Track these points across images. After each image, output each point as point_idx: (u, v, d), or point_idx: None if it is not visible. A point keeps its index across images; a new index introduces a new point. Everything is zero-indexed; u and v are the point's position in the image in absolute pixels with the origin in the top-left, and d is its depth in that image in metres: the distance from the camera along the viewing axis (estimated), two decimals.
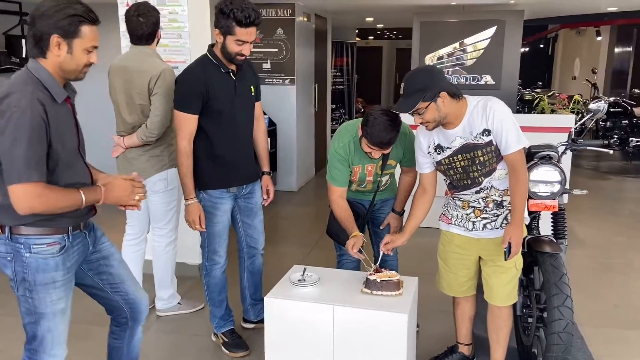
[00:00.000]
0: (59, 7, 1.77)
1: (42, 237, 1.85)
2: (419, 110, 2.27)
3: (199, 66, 2.69)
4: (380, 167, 2.78)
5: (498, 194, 2.41)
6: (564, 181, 2.70)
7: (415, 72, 2.35)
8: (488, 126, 2.27)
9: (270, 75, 6.67)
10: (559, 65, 13.15)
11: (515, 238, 2.30)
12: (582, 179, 7.16)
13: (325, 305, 2.33)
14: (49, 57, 1.80)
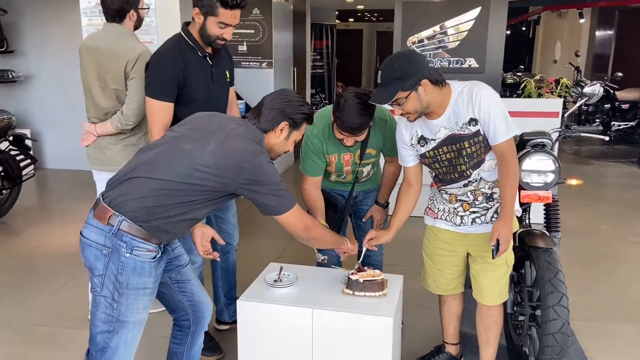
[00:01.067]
0: None
1: (146, 243, 1.82)
2: (399, 101, 2.05)
3: (174, 48, 2.41)
4: (358, 156, 2.59)
5: (488, 186, 2.23)
6: (558, 171, 2.53)
7: (393, 58, 2.08)
8: (475, 115, 2.07)
9: (246, 58, 6.39)
10: (539, 49, 13.07)
11: (504, 234, 2.10)
12: (564, 164, 7.04)
13: (304, 309, 2.13)
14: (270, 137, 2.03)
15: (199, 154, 1.81)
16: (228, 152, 1.82)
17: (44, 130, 6.86)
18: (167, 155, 1.85)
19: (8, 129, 4.65)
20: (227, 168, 1.81)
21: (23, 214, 5.11)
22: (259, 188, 1.86)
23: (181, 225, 1.89)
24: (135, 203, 1.79)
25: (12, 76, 6.42)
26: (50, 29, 6.39)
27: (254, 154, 1.84)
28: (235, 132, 1.89)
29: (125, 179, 1.85)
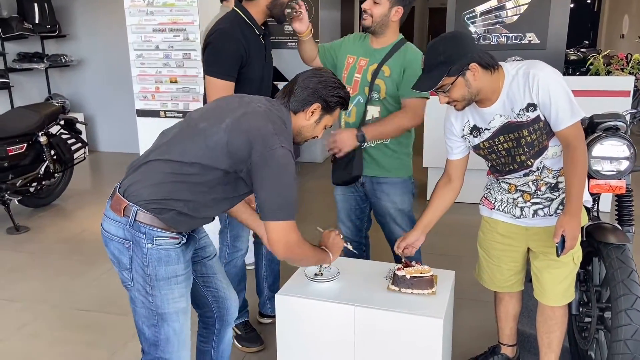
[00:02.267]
0: None
1: (165, 232, 1.71)
2: (444, 88, 1.86)
3: (235, 26, 2.32)
4: (373, 71, 2.38)
5: (552, 175, 2.00)
6: (634, 157, 2.25)
7: (437, 40, 1.87)
8: (533, 99, 1.85)
9: (292, 38, 6.23)
10: (605, 23, 12.23)
11: (570, 230, 1.86)
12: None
13: (346, 306, 1.98)
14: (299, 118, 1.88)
15: (213, 131, 1.69)
16: (242, 129, 1.67)
17: (97, 114, 6.98)
18: (182, 136, 1.74)
19: (59, 113, 4.70)
20: (238, 146, 1.66)
21: (74, 197, 5.21)
22: (263, 174, 1.65)
23: (196, 217, 1.76)
24: (148, 190, 1.69)
25: (65, 60, 6.53)
26: (100, 13, 6.45)
27: (269, 133, 1.67)
28: (255, 109, 1.74)
29: (141, 164, 1.75)
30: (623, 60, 4.27)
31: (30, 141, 4.48)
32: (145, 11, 3.52)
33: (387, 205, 2.55)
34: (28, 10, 6.08)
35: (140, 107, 3.73)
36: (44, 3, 6.22)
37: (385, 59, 2.39)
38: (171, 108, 3.67)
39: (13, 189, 4.37)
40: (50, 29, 6.33)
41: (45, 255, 3.95)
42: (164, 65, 3.60)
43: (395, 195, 2.54)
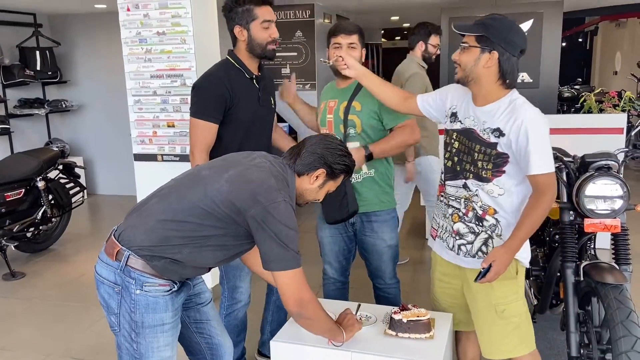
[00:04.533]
0: None
1: (156, 278, 1.71)
2: (464, 43, 1.90)
3: (221, 70, 2.41)
4: (344, 108, 2.45)
5: (480, 205, 1.99)
6: (628, 195, 2.26)
7: (503, 16, 1.90)
8: (504, 129, 1.87)
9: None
10: (598, 60, 12.45)
11: (499, 263, 1.89)
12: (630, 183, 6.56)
13: (342, 352, 1.95)
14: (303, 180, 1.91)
15: (215, 179, 1.71)
16: (245, 180, 1.70)
17: (96, 157, 7.02)
18: (184, 182, 1.77)
19: (57, 158, 4.74)
20: (239, 197, 1.67)
21: (72, 241, 5.19)
22: (266, 228, 1.66)
23: (188, 267, 1.76)
24: (141, 236, 1.70)
25: (65, 105, 6.62)
26: (101, 59, 6.57)
27: (272, 188, 1.69)
28: (259, 164, 1.77)
29: (139, 208, 1.77)
30: (615, 98, 4.33)
31: (29, 186, 4.50)
32: (144, 58, 3.59)
33: (377, 243, 2.57)
34: (30, 58, 6.21)
35: (137, 151, 3.76)
36: (45, 51, 6.35)
37: (353, 95, 2.47)
38: (168, 152, 3.70)
39: (10, 235, 4.36)
40: (52, 75, 6.44)
41: (41, 301, 3.90)
42: (162, 110, 3.65)
43: (385, 233, 2.57)
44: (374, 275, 2.68)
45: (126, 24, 3.57)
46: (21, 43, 6.13)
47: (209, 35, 3.70)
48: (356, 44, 2.48)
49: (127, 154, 3.74)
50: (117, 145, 6.54)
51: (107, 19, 5.99)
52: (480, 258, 2.02)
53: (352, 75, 2.35)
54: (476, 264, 2.01)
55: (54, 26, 6.69)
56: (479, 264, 1.97)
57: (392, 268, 2.66)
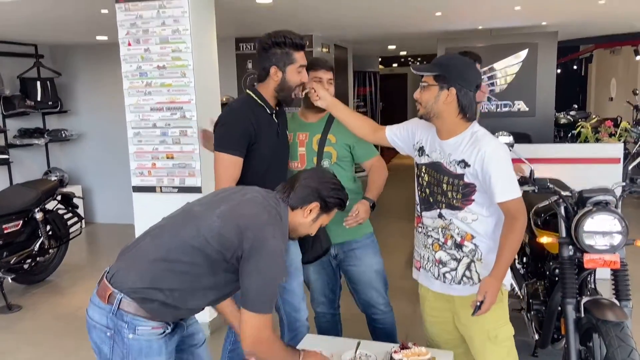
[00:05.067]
0: None
1: (149, 320, 1.69)
2: (424, 82, 2.03)
3: (245, 105, 2.42)
4: (318, 141, 2.52)
5: (457, 232, 2.07)
6: (626, 231, 2.26)
7: (456, 55, 2.10)
8: (469, 160, 1.99)
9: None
10: (593, 87, 12.57)
11: (491, 294, 1.95)
12: (627, 212, 6.57)
13: None
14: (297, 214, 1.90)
15: (207, 215, 1.71)
16: (236, 215, 1.70)
17: (95, 186, 7.03)
18: (176, 220, 1.77)
19: (56, 188, 4.74)
20: (230, 232, 1.67)
21: (69, 272, 5.15)
22: (252, 263, 1.65)
23: (182, 308, 1.73)
24: (133, 278, 1.68)
25: (65, 135, 6.65)
26: (101, 89, 6.63)
27: (263, 223, 1.69)
28: (252, 199, 1.77)
29: (132, 248, 1.76)
30: (611, 127, 4.36)
31: (27, 218, 4.49)
32: (144, 92, 3.62)
33: (364, 271, 2.59)
34: (31, 89, 6.26)
35: (136, 183, 3.76)
36: (46, 81, 6.41)
37: (326, 128, 2.54)
38: (167, 184, 3.71)
39: (7, 267, 4.33)
40: (52, 105, 6.49)
41: (37, 334, 3.86)
42: (161, 142, 3.66)
43: (369, 257, 2.61)
44: (366, 306, 2.68)
45: (127, 59, 3.62)
46: (22, 74, 6.19)
47: (209, 69, 3.74)
48: (332, 80, 2.59)
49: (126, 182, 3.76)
50: (116, 174, 6.54)
51: (109, 50, 6.06)
52: (466, 283, 2.09)
53: (323, 106, 2.43)
54: (463, 290, 2.10)
55: (56, 56, 6.77)
56: (467, 291, 2.08)
57: (385, 295, 2.67)
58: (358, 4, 4.51)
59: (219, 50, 3.98)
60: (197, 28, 3.54)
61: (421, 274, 2.25)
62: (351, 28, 6.27)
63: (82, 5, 3.97)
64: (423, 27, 6.29)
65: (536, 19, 5.93)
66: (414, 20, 5.69)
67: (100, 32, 5.56)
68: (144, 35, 3.55)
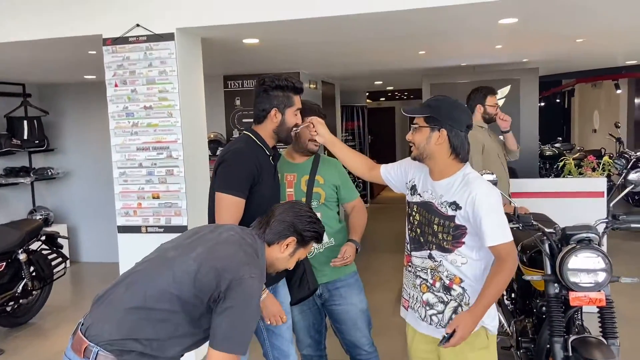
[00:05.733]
0: None
1: None
2: (415, 124, 2.08)
3: (249, 146, 2.42)
4: (307, 181, 2.56)
5: (447, 275, 2.05)
6: (610, 268, 2.27)
7: (446, 97, 2.12)
8: (460, 202, 1.99)
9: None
10: (577, 119, 12.81)
11: (462, 328, 1.91)
12: (614, 241, 6.60)
13: None
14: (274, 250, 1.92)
15: (182, 260, 1.69)
16: (212, 257, 1.68)
17: (81, 225, 6.95)
18: (151, 266, 1.74)
19: (40, 229, 4.69)
20: (207, 275, 1.64)
21: (53, 314, 5.04)
22: (226, 301, 1.63)
23: (160, 357, 1.69)
24: (109, 330, 1.64)
25: (51, 173, 6.62)
26: (89, 127, 6.63)
27: (239, 263, 1.68)
28: (228, 239, 1.76)
29: (106, 297, 1.72)
30: (593, 162, 4.43)
31: (10, 259, 4.41)
32: (130, 132, 3.64)
33: (348, 309, 2.59)
34: (17, 127, 6.25)
35: (121, 223, 3.73)
36: (33, 120, 6.40)
37: (313, 169, 2.59)
38: (153, 223, 3.68)
39: None
40: (39, 144, 6.47)
41: None
42: (147, 182, 3.65)
43: (353, 296, 2.62)
44: (351, 346, 2.67)
45: (113, 99, 3.64)
46: (9, 113, 6.19)
47: (195, 108, 3.78)
48: None
49: (111, 221, 3.74)
50: (101, 212, 6.49)
51: (96, 89, 6.09)
52: None
53: (321, 142, 2.46)
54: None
55: (43, 95, 6.79)
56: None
57: (369, 335, 2.66)
58: (343, 44, 4.60)
59: (207, 88, 4.02)
60: (184, 69, 3.58)
61: (409, 314, 2.23)
62: (337, 65, 6.37)
63: (71, 47, 4.01)
64: (408, 64, 6.41)
65: (517, 56, 6.08)
66: (399, 58, 5.80)
67: (88, 72, 5.60)
68: (131, 76, 3.58)
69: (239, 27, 3.52)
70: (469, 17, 3.68)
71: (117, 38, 3.54)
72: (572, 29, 4.42)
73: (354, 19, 3.39)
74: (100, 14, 3.56)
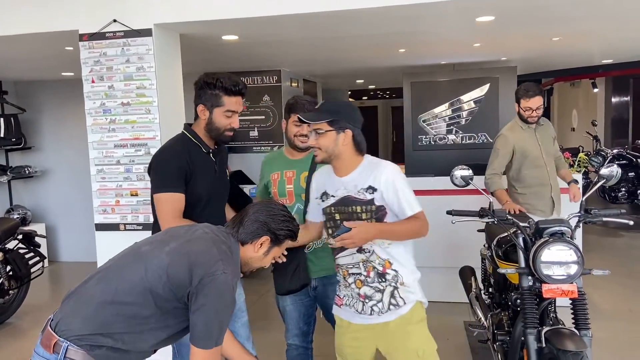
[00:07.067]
0: None
1: None
2: (319, 129, 2.14)
3: (178, 143, 2.42)
4: (305, 178, 2.57)
5: (379, 262, 2.15)
6: (582, 261, 2.31)
7: (338, 100, 2.27)
8: (375, 184, 2.13)
9: (257, 143, 6.42)
10: (556, 118, 12.98)
11: (359, 232, 2.05)
12: (592, 237, 6.73)
13: None
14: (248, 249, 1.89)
15: (155, 255, 1.69)
16: (185, 252, 1.68)
17: (59, 224, 6.87)
18: (123, 261, 1.73)
19: (17, 227, 4.62)
20: (179, 269, 1.65)
21: (30, 314, 4.98)
22: (200, 298, 1.63)
23: (132, 352, 1.69)
24: (79, 324, 1.63)
25: (28, 172, 6.52)
26: (66, 125, 6.56)
27: (212, 258, 1.67)
28: (201, 236, 1.76)
29: (76, 292, 1.71)
30: (569, 159, 4.50)
31: None
32: (107, 128, 3.60)
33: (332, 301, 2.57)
34: None
35: (99, 220, 3.70)
36: (10, 118, 6.31)
37: (312, 166, 2.58)
38: (131, 221, 3.65)
39: None
40: (16, 142, 6.38)
41: None
42: (125, 179, 3.63)
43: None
44: None
45: (90, 96, 3.60)
46: None
47: (174, 105, 3.75)
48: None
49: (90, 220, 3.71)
50: (80, 211, 6.42)
51: (74, 86, 5.99)
52: (391, 310, 2.16)
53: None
54: (390, 315, 2.17)
55: (20, 92, 6.69)
56: (393, 315, 2.15)
57: None
58: (323, 41, 4.61)
59: (186, 86, 3.99)
60: (162, 65, 3.56)
61: (342, 310, 2.30)
62: (318, 63, 6.38)
63: (47, 42, 3.96)
64: (389, 62, 6.45)
65: (496, 54, 6.15)
66: (379, 56, 5.83)
67: (65, 69, 5.54)
68: (108, 72, 3.55)
69: (218, 23, 3.51)
70: (447, 14, 3.72)
71: (93, 34, 3.51)
72: (548, 27, 4.49)
73: (333, 15, 3.40)
74: (77, 9, 3.52)
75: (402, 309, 2.16)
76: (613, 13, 4.01)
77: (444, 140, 6.21)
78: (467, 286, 3.57)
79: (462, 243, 4.18)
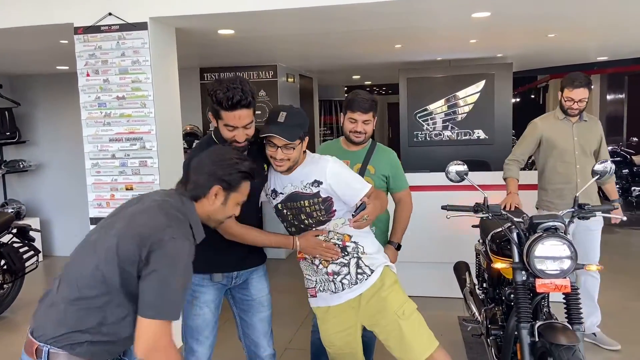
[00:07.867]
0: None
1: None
2: (294, 145, 2.18)
3: (205, 141, 2.41)
4: (358, 170, 2.68)
5: (338, 237, 2.31)
6: (575, 255, 2.33)
7: (296, 108, 2.31)
8: (320, 177, 2.25)
9: None
10: None
11: (372, 209, 2.23)
12: None
13: None
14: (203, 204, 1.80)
15: (103, 240, 1.64)
16: (131, 228, 1.62)
17: (54, 218, 6.85)
18: (78, 255, 1.70)
19: (11, 221, 4.61)
20: (128, 247, 1.59)
21: (25, 308, 4.96)
22: (150, 265, 1.56)
23: (116, 341, 1.67)
24: (52, 326, 1.62)
25: (23, 166, 6.50)
26: (61, 119, 6.53)
27: (160, 226, 1.61)
28: (149, 206, 1.69)
29: (45, 296, 1.71)
30: None
31: None
32: (103, 122, 3.59)
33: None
34: None
35: (94, 214, 3.69)
36: (4, 112, 6.28)
37: (367, 159, 2.73)
38: None
39: None
40: (10, 135, 6.35)
41: None
42: (120, 173, 3.62)
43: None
44: None
45: (85, 89, 3.59)
46: None
47: (170, 99, 3.75)
48: (370, 121, 2.74)
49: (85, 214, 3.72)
50: (75, 205, 6.40)
51: (69, 79, 5.97)
52: (362, 279, 2.30)
53: None
54: (363, 286, 2.30)
55: (15, 86, 6.65)
56: (366, 285, 2.29)
57: None
58: (319, 36, 4.61)
59: (182, 80, 3.99)
60: (157, 59, 3.55)
61: (319, 298, 2.39)
62: (314, 59, 6.38)
63: (42, 36, 3.94)
64: (385, 58, 6.45)
65: (492, 51, 6.16)
66: (375, 51, 5.83)
67: (60, 62, 5.51)
68: (103, 65, 3.54)
69: (213, 17, 3.50)
70: (443, 10, 3.72)
71: (88, 27, 3.50)
72: (543, 24, 4.50)
73: (329, 10, 3.40)
74: (72, 1, 3.51)
75: (371, 278, 2.29)
76: (608, 10, 4.02)
77: (439, 136, 6.22)
78: (462, 281, 3.58)
79: (457, 238, 4.20)
